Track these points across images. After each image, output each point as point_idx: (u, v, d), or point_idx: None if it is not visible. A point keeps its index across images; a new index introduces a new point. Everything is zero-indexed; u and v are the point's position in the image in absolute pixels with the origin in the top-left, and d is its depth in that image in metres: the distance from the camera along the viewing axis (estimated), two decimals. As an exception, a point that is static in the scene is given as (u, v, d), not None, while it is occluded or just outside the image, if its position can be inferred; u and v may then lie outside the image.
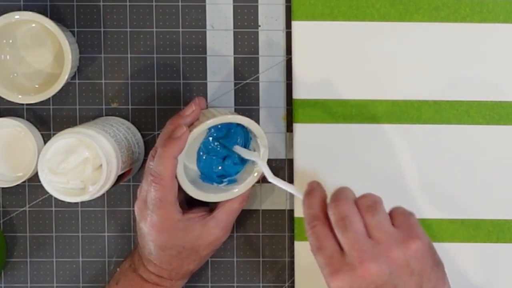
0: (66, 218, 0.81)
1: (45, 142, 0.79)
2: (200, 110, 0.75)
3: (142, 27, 0.80)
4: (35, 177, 0.78)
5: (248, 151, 0.75)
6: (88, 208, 0.81)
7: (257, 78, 0.80)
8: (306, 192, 0.68)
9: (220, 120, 0.73)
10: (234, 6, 0.80)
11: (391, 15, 0.78)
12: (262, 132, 0.74)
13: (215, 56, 0.80)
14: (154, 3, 0.80)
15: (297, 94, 0.78)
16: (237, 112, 0.78)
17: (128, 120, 0.80)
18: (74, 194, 0.71)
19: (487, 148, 0.79)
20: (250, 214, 0.81)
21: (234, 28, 0.80)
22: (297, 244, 0.80)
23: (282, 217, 0.81)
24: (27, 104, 0.80)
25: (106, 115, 0.80)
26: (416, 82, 0.78)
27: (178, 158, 0.71)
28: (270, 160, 0.77)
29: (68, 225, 0.81)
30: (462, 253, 0.79)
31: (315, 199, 0.67)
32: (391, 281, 0.62)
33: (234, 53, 0.80)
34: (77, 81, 0.80)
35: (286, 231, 0.81)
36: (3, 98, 0.76)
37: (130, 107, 0.80)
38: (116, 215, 0.81)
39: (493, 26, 0.78)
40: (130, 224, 0.81)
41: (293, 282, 0.81)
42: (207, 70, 0.80)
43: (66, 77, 0.74)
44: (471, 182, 0.79)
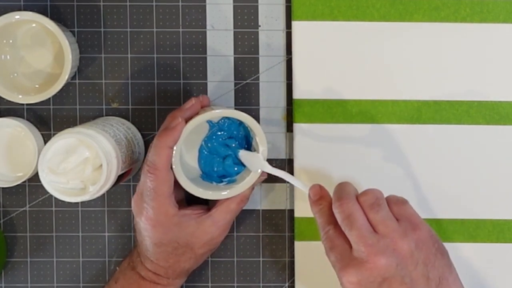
0: (66, 218, 0.81)
1: (45, 142, 0.79)
2: (202, 107, 0.75)
3: (142, 27, 0.80)
4: (35, 177, 0.78)
5: (253, 161, 0.74)
6: (88, 208, 0.81)
7: (257, 78, 0.80)
8: (313, 202, 0.70)
9: (218, 114, 0.73)
10: (234, 6, 0.80)
11: (391, 15, 0.78)
12: (260, 128, 0.73)
13: (215, 56, 0.80)
14: (154, 3, 0.80)
15: (297, 94, 0.78)
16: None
17: (128, 120, 0.80)
18: (74, 194, 0.71)
19: (487, 148, 0.79)
20: (250, 214, 0.81)
21: (234, 28, 0.80)
22: (297, 244, 0.80)
23: (282, 217, 0.81)
24: (27, 104, 0.80)
25: (106, 115, 0.80)
26: (416, 82, 0.78)
27: (174, 149, 0.71)
28: (270, 160, 0.77)
29: (68, 225, 0.81)
30: (462, 253, 0.79)
31: (324, 207, 0.69)
32: (398, 272, 0.64)
33: (234, 53, 0.80)
34: (77, 81, 0.80)
35: (286, 231, 0.81)
36: (3, 98, 0.76)
37: (130, 107, 0.80)
38: (116, 215, 0.81)
39: (493, 26, 0.78)
40: (130, 224, 0.81)
41: (293, 282, 0.81)
42: (207, 70, 0.80)
43: (66, 77, 0.74)
44: (471, 182, 0.79)
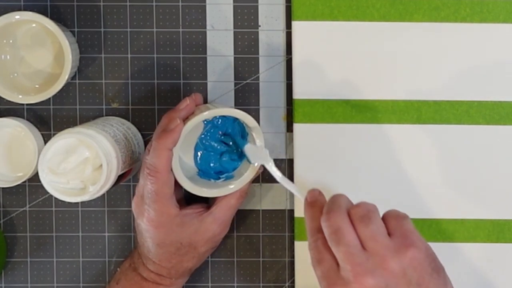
0: (66, 218, 0.81)
1: (45, 142, 0.79)
2: (196, 106, 0.75)
3: (142, 27, 0.80)
4: (35, 177, 0.78)
5: (257, 155, 0.74)
6: (88, 208, 0.81)
7: (257, 78, 0.80)
8: (307, 204, 0.67)
9: (215, 113, 0.72)
10: (234, 6, 0.80)
11: (391, 15, 0.78)
12: (257, 126, 0.73)
13: (215, 56, 0.80)
14: (154, 3, 0.80)
15: (297, 94, 0.78)
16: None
17: (128, 120, 0.80)
18: (74, 194, 0.71)
19: (487, 148, 0.79)
20: (250, 214, 0.81)
21: (234, 28, 0.80)
22: (297, 244, 0.80)
23: (282, 217, 0.81)
24: (27, 104, 0.80)
25: (106, 115, 0.80)
26: (416, 82, 0.78)
27: (173, 151, 0.71)
28: (270, 160, 0.78)
29: (68, 225, 0.81)
30: (462, 253, 0.79)
31: (317, 212, 0.65)
32: None
33: (234, 53, 0.80)
34: (77, 81, 0.80)
35: (286, 231, 0.81)
36: (3, 98, 0.76)
37: (130, 107, 0.80)
38: (116, 215, 0.81)
39: (493, 26, 0.78)
40: (130, 224, 0.81)
41: (293, 282, 0.81)
42: (207, 70, 0.80)
43: (66, 77, 0.74)
44: (471, 182, 0.79)
